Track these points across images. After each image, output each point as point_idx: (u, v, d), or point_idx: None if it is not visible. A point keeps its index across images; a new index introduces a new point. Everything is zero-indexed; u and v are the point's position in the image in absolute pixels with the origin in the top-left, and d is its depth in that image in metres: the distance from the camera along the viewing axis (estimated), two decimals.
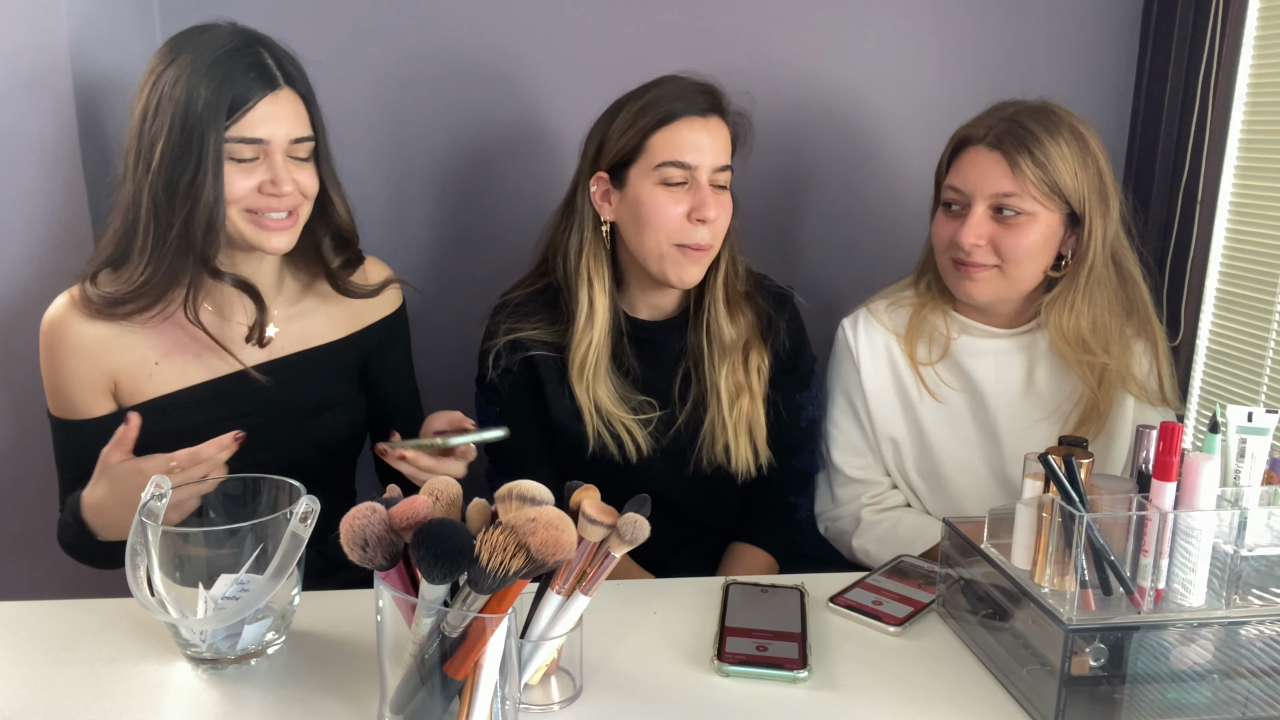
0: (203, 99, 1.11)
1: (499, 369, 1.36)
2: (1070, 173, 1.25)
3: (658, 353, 1.38)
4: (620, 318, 1.36)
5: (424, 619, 0.77)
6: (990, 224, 1.28)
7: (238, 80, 1.13)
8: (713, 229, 1.29)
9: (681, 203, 1.27)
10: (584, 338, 1.32)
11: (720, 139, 1.29)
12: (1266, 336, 1.51)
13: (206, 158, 1.12)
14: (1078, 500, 0.88)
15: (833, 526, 1.47)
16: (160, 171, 1.13)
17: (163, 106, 1.13)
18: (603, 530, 0.85)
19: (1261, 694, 0.89)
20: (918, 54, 1.72)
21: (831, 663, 0.98)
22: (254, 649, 0.97)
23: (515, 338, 1.35)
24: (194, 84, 1.12)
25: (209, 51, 1.13)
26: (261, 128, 1.15)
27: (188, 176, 1.12)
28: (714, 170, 1.28)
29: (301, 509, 0.94)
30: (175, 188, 1.13)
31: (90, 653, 0.98)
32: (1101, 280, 1.31)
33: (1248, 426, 0.97)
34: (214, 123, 1.12)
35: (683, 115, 1.27)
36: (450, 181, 1.72)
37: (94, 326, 1.20)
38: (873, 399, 1.41)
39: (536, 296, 1.38)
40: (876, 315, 1.42)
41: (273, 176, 1.16)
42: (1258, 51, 1.53)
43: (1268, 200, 1.52)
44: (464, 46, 1.66)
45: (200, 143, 1.12)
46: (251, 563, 0.94)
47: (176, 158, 1.12)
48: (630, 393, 1.35)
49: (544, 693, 0.91)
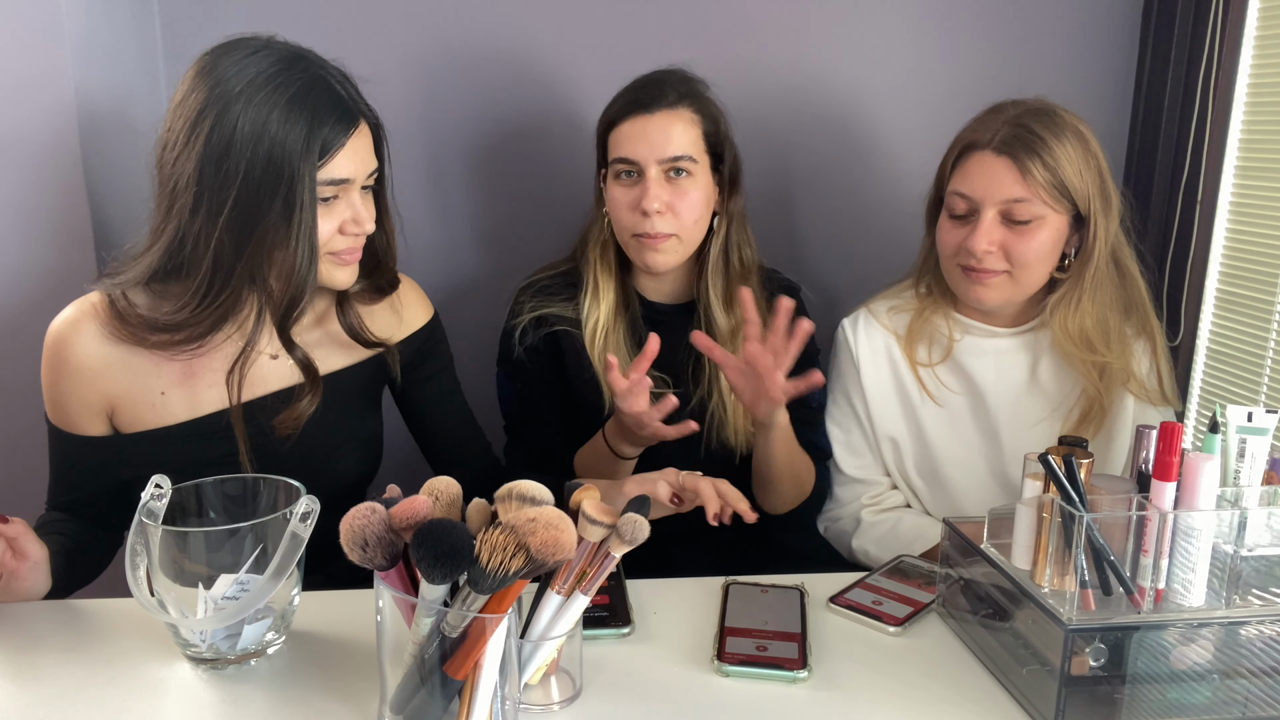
0: (290, 141, 1.05)
1: (525, 344, 1.42)
2: (1076, 173, 1.25)
3: (672, 334, 1.40)
4: (634, 298, 1.44)
5: (424, 619, 0.77)
6: (1001, 230, 1.27)
7: (324, 120, 1.07)
8: (663, 218, 1.33)
9: (633, 194, 1.34)
10: (591, 314, 1.40)
11: (668, 131, 1.32)
12: (1266, 336, 1.51)
13: (301, 205, 1.06)
14: (1078, 500, 0.88)
15: (833, 527, 1.47)
16: (234, 214, 1.06)
17: (238, 146, 1.05)
18: (603, 530, 0.85)
19: (1261, 694, 0.89)
20: (917, 54, 1.72)
21: (831, 663, 0.98)
22: (254, 649, 0.97)
23: (539, 314, 1.42)
24: (278, 125, 1.05)
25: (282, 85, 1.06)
26: (346, 167, 1.10)
27: (270, 221, 1.07)
28: (661, 161, 1.32)
29: (301, 509, 0.94)
30: (251, 232, 1.07)
31: (90, 653, 0.98)
32: (1104, 279, 1.31)
33: (1248, 426, 0.97)
34: (307, 167, 1.06)
35: (628, 114, 1.34)
36: (482, 175, 1.74)
37: (101, 346, 1.14)
38: (872, 399, 1.41)
39: (560, 278, 1.45)
40: (877, 316, 1.42)
41: (354, 215, 1.13)
42: (1258, 51, 1.53)
43: (1268, 200, 1.52)
44: (485, 40, 1.67)
45: (290, 186, 1.05)
46: (251, 563, 0.94)
47: (257, 202, 1.06)
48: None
49: (544, 693, 0.91)
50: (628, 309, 1.43)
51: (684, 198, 1.34)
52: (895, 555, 1.22)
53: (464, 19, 1.66)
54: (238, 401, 1.16)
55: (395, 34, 1.65)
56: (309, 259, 1.09)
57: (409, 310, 1.32)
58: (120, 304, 1.13)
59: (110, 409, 1.18)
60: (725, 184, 1.40)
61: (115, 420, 1.19)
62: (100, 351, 1.14)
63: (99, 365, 1.15)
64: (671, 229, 1.34)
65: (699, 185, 1.35)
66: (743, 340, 1.20)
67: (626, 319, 1.42)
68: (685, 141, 1.33)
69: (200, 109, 1.06)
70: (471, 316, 1.68)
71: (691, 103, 1.35)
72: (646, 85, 1.36)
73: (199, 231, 1.08)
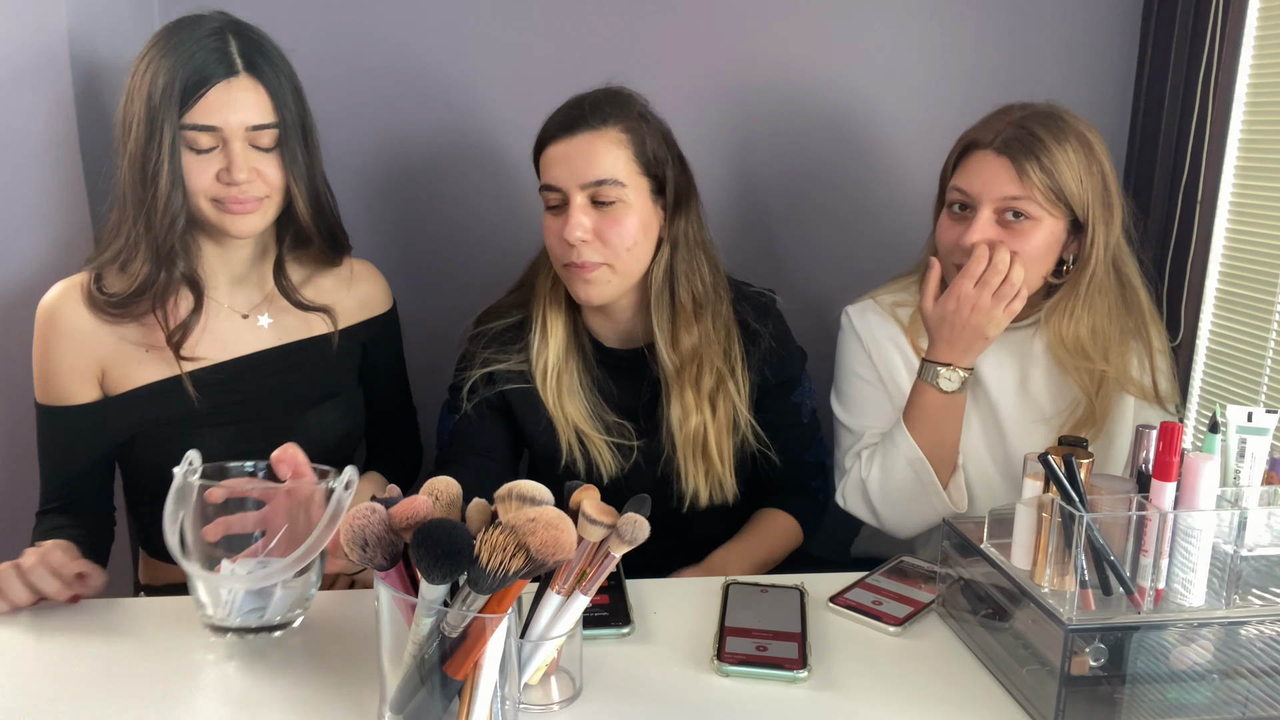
0: (161, 86, 1.13)
1: (474, 400, 1.35)
2: (1075, 180, 1.25)
3: (630, 380, 1.36)
4: (585, 338, 1.36)
5: (424, 619, 0.77)
6: (995, 228, 1.27)
7: (194, 66, 1.13)
8: (590, 247, 1.24)
9: (560, 222, 1.25)
10: (540, 354, 1.32)
11: (590, 153, 1.22)
12: (1266, 336, 1.51)
13: (163, 145, 1.13)
14: (1078, 500, 0.88)
15: (845, 487, 1.40)
16: (133, 161, 1.15)
17: (134, 95, 1.15)
18: (603, 530, 0.85)
19: (1261, 694, 0.89)
20: (917, 54, 1.72)
21: (831, 663, 0.98)
22: (280, 620, 1.00)
23: (490, 370, 1.34)
24: (156, 70, 1.13)
25: (178, 39, 1.14)
26: (215, 115, 1.14)
27: (152, 165, 1.14)
28: (585, 186, 1.23)
29: (346, 477, 0.98)
30: (144, 177, 1.15)
31: (91, 652, 0.98)
32: (1102, 287, 1.30)
33: (1248, 426, 0.97)
34: (169, 109, 1.13)
35: (553, 137, 1.25)
36: (439, 182, 1.72)
37: (86, 314, 1.21)
38: (884, 372, 1.40)
39: (514, 328, 1.37)
40: (881, 306, 1.42)
41: (228, 164, 1.16)
42: (1258, 51, 1.53)
43: (1268, 200, 1.52)
44: (459, 43, 1.66)
45: (159, 130, 1.13)
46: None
47: (143, 145, 1.14)
48: (605, 412, 1.34)
49: (544, 693, 0.91)
50: (580, 349, 1.34)
51: (614, 225, 1.23)
52: (900, 485, 1.27)
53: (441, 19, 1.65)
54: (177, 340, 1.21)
55: (396, 34, 1.65)
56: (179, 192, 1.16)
57: (368, 295, 1.39)
58: (93, 291, 1.21)
59: (100, 371, 1.24)
60: (668, 207, 1.29)
61: (105, 383, 1.25)
62: (86, 315, 1.21)
63: (87, 328, 1.21)
64: (601, 257, 1.24)
65: (632, 210, 1.24)
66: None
67: (579, 359, 1.34)
68: (610, 164, 1.23)
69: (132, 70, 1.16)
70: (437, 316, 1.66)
71: (617, 122, 1.24)
72: (571, 105, 1.27)
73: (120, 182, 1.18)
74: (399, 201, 1.72)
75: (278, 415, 1.28)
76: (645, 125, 1.27)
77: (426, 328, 1.61)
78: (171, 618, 1.05)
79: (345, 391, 1.37)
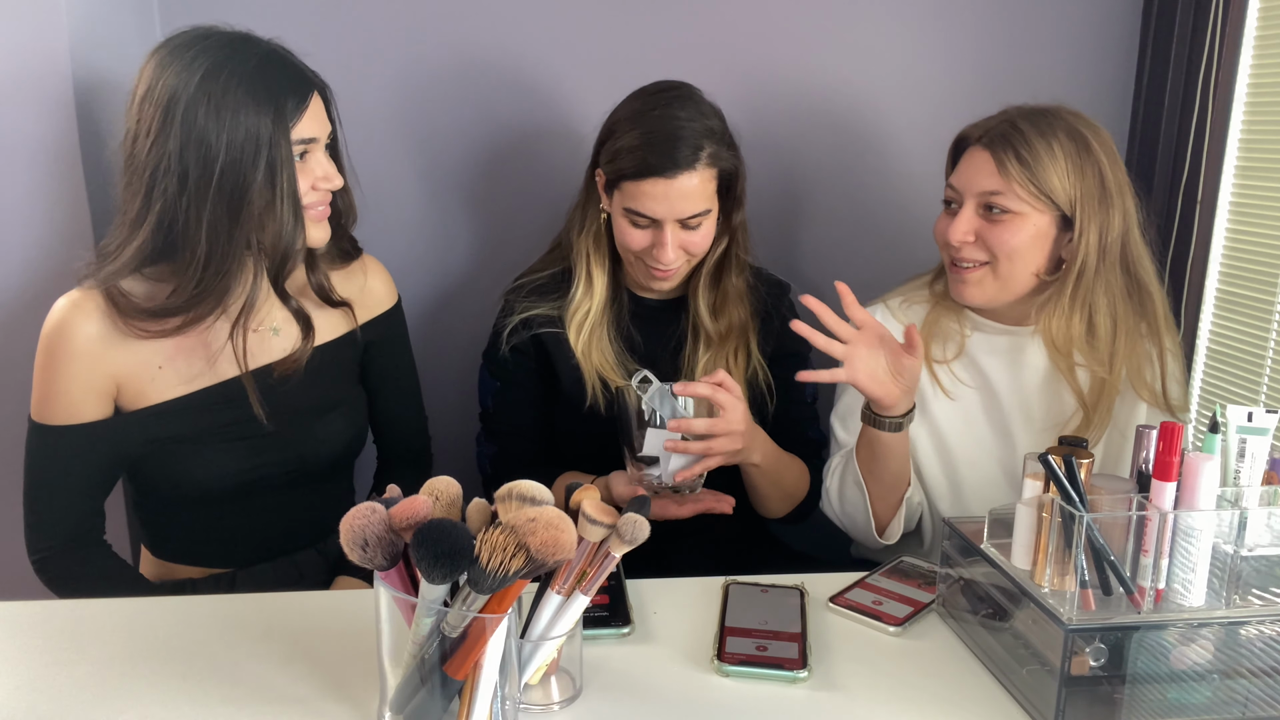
0: (266, 107, 1.12)
1: (511, 344, 1.43)
2: (1061, 174, 1.24)
3: (658, 330, 1.44)
4: (623, 293, 1.45)
5: (424, 619, 0.77)
6: (977, 220, 1.28)
7: (286, 87, 1.15)
8: (677, 254, 1.34)
9: (646, 236, 1.34)
10: (580, 306, 1.40)
11: (688, 194, 1.30)
12: (1266, 336, 1.51)
13: (281, 164, 1.14)
14: (1078, 500, 0.88)
15: (830, 497, 1.41)
16: (222, 186, 1.12)
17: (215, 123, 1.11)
18: (603, 530, 0.85)
19: (1261, 694, 0.89)
20: (917, 54, 1.72)
21: (831, 663, 0.98)
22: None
23: (527, 315, 1.43)
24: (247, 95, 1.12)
25: (241, 62, 1.13)
26: (311, 127, 1.17)
27: (257, 187, 1.13)
28: (678, 219, 1.32)
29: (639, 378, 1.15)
30: (241, 199, 1.13)
31: (91, 652, 0.98)
32: (1098, 287, 1.28)
33: (1248, 426, 0.97)
34: (280, 130, 1.13)
35: (650, 175, 1.29)
36: (469, 181, 1.73)
37: (99, 328, 1.18)
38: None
39: (551, 279, 1.45)
40: (891, 310, 1.42)
41: (324, 172, 1.19)
42: (1258, 51, 1.53)
43: (1268, 200, 1.52)
44: (482, 46, 1.67)
45: (270, 149, 1.13)
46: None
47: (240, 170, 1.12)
48: (630, 361, 1.42)
49: (544, 693, 0.91)
50: (616, 303, 1.44)
51: (697, 240, 1.35)
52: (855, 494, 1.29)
53: (466, 23, 1.66)
54: (243, 353, 1.20)
55: (396, 34, 1.65)
56: (294, 215, 1.16)
57: (376, 290, 1.39)
58: (118, 300, 1.17)
59: (115, 387, 1.22)
60: (731, 203, 1.39)
61: (121, 399, 1.23)
62: (97, 331, 1.18)
63: (99, 344, 1.19)
64: (682, 262, 1.37)
65: (710, 219, 1.36)
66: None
67: (614, 313, 1.43)
68: (704, 197, 1.32)
69: (171, 96, 1.12)
70: (463, 320, 1.70)
71: (711, 160, 1.31)
72: (665, 144, 1.29)
73: (188, 209, 1.13)
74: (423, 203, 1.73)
75: (285, 426, 1.27)
76: (728, 148, 1.35)
77: (450, 338, 1.64)
78: (173, 617, 1.05)
79: (349, 398, 1.36)
